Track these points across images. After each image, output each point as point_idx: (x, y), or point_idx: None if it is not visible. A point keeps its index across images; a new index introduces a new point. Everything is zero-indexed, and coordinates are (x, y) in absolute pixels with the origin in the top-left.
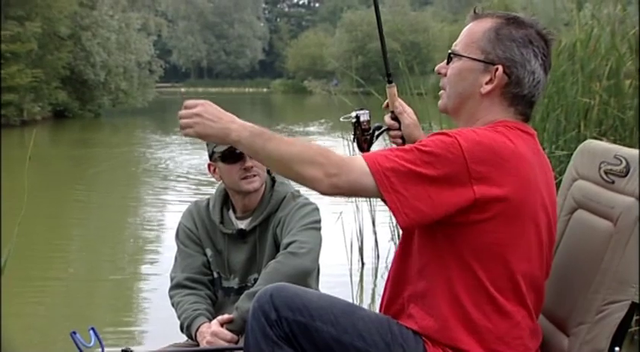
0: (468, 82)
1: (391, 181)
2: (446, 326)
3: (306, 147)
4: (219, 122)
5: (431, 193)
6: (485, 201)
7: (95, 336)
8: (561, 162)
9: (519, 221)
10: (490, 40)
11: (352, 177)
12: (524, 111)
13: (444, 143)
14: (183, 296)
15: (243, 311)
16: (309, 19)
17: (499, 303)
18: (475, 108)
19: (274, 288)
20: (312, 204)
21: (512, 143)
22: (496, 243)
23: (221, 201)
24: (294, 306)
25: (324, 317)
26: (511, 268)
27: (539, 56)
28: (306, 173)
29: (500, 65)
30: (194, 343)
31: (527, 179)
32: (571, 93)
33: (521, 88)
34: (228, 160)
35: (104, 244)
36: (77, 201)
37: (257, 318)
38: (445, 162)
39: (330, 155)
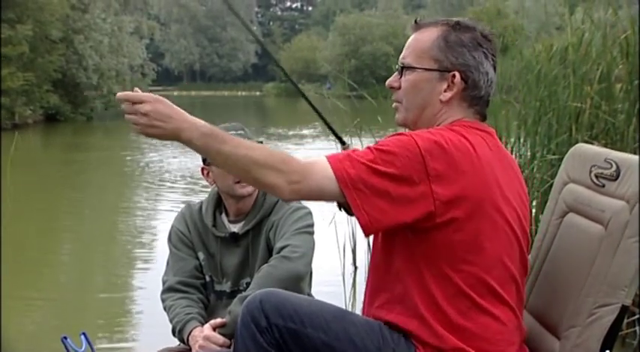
0: (425, 92)
1: (353, 180)
2: (429, 329)
3: (265, 153)
4: (169, 122)
5: (391, 190)
6: (445, 199)
7: (86, 341)
8: (553, 165)
9: (483, 218)
10: (441, 49)
11: (314, 181)
12: (481, 111)
13: (402, 142)
14: (176, 300)
15: (235, 315)
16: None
17: (476, 302)
18: (434, 114)
19: (264, 294)
20: (305, 207)
21: (467, 141)
22: (464, 242)
23: (214, 204)
24: (285, 312)
25: (315, 323)
26: (483, 266)
27: (489, 57)
28: (267, 179)
29: (456, 71)
30: (186, 347)
31: (485, 176)
32: (562, 97)
33: (478, 90)
34: None
35: (96, 248)
36: (69, 204)
37: (246, 325)
38: (404, 161)
39: (292, 161)
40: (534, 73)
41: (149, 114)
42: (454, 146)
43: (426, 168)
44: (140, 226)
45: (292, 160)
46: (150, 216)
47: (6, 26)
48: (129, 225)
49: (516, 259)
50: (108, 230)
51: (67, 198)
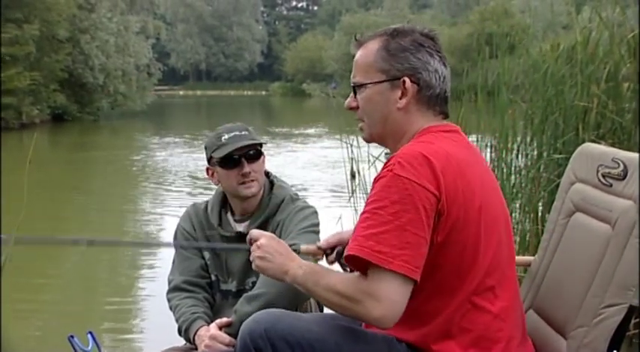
0: (381, 104)
1: (385, 253)
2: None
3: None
4: (277, 258)
5: (419, 233)
6: (447, 208)
7: (93, 340)
8: (559, 165)
9: (475, 222)
10: (384, 59)
11: (391, 290)
12: (442, 110)
13: (393, 187)
14: (181, 299)
15: (241, 314)
16: (307, 22)
17: (477, 304)
18: (397, 123)
19: (266, 320)
20: (311, 207)
21: (435, 145)
22: (462, 250)
23: (219, 203)
24: (293, 340)
25: (326, 347)
26: (480, 268)
27: (434, 54)
28: (370, 316)
29: (405, 77)
30: (192, 346)
31: (461, 173)
32: (569, 96)
33: (433, 89)
34: (226, 166)
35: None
36: (76, 204)
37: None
38: (409, 201)
39: (368, 289)
40: (541, 72)
41: (262, 247)
42: (431, 159)
43: (430, 193)
44: (145, 225)
45: (362, 284)
46: (155, 216)
47: (13, 26)
48: (134, 224)
49: (505, 253)
50: (113, 229)
51: (73, 196)
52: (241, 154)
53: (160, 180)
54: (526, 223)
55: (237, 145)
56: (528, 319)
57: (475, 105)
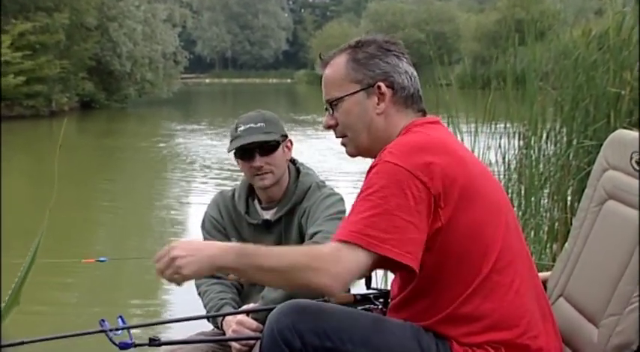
0: (361, 114)
1: (373, 236)
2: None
3: (294, 255)
4: (199, 253)
5: (408, 218)
6: (445, 198)
7: (123, 324)
8: (589, 153)
9: (479, 197)
10: (355, 69)
11: (351, 263)
12: (420, 107)
13: (382, 172)
14: (210, 285)
15: (268, 300)
16: (333, 10)
17: (491, 283)
18: (380, 129)
19: (293, 311)
20: (337, 194)
21: (429, 135)
22: (470, 229)
23: (246, 191)
24: (321, 331)
25: (355, 338)
26: (492, 246)
27: (401, 56)
28: (312, 281)
29: (378, 82)
30: (220, 332)
31: (456, 156)
32: (601, 83)
33: (407, 90)
34: (240, 158)
35: (130, 234)
36: (103, 190)
37: (277, 346)
38: (397, 185)
39: (321, 253)
40: (572, 58)
41: (178, 256)
42: (424, 145)
43: (418, 179)
44: (172, 213)
45: (318, 251)
46: (182, 203)
47: (44, 14)
48: (161, 211)
49: (515, 235)
50: (140, 216)
51: (101, 183)
52: (254, 147)
53: (186, 168)
54: (555, 211)
55: (248, 140)
56: (558, 307)
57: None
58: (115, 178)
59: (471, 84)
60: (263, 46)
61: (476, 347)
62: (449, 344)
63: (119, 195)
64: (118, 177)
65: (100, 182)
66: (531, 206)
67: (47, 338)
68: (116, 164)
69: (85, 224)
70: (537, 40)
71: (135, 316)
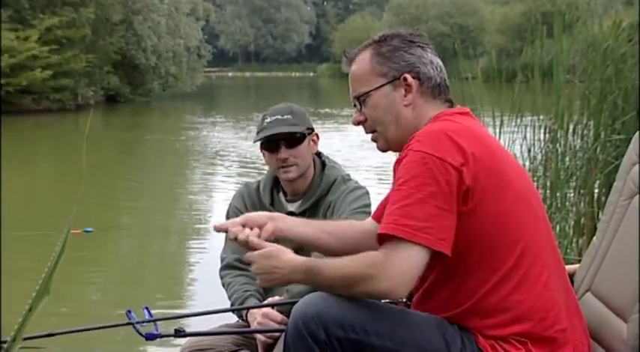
0: (389, 106)
1: (409, 225)
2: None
3: (352, 264)
4: (275, 273)
5: (441, 206)
6: (472, 180)
7: (149, 315)
8: (617, 146)
9: (509, 187)
10: (380, 63)
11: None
12: (447, 97)
13: (411, 162)
14: (234, 277)
15: (293, 293)
16: (356, 3)
17: (518, 274)
18: (408, 121)
19: (318, 303)
20: (363, 188)
21: (458, 123)
22: (497, 218)
23: (271, 183)
24: (345, 323)
25: (380, 330)
26: (518, 238)
27: (425, 47)
28: (374, 289)
29: (404, 74)
30: (245, 324)
31: (487, 146)
32: (630, 75)
33: (433, 80)
34: (266, 149)
35: (155, 225)
36: (128, 182)
37: (302, 337)
38: (428, 173)
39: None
40: (600, 50)
41: (257, 271)
42: (453, 133)
43: (449, 165)
44: (195, 205)
45: (372, 257)
46: (205, 195)
47: (70, 9)
48: (185, 204)
49: (543, 228)
50: (166, 206)
51: (126, 175)
52: (280, 139)
53: (209, 160)
54: (581, 205)
55: (274, 131)
56: (586, 302)
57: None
58: (139, 170)
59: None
60: (286, 40)
61: (501, 340)
62: (474, 337)
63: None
64: (141, 169)
65: (124, 173)
66: (557, 200)
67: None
68: (140, 157)
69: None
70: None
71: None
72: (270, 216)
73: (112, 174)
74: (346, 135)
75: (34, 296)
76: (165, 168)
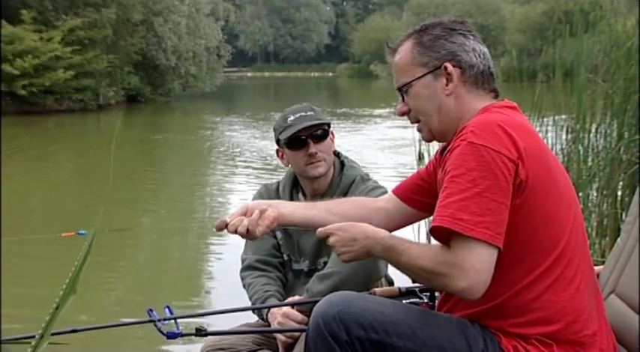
0: (431, 96)
1: (466, 220)
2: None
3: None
4: (355, 245)
5: (498, 200)
6: (525, 174)
7: (170, 314)
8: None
9: (554, 187)
10: (420, 53)
11: (477, 259)
12: (492, 87)
13: (467, 154)
14: (255, 277)
15: (313, 293)
16: (375, 3)
17: (553, 274)
18: (451, 111)
19: (339, 302)
20: (382, 187)
21: (507, 115)
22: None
23: (291, 184)
24: (366, 323)
25: (400, 331)
26: (553, 239)
27: (468, 35)
28: (453, 286)
29: (445, 63)
30: (265, 323)
31: (538, 142)
32: None
33: (476, 68)
34: (292, 147)
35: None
36: (148, 182)
37: (322, 337)
38: (486, 167)
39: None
40: (624, 49)
41: (336, 244)
42: (505, 125)
43: (505, 158)
44: (215, 205)
45: (447, 258)
46: (224, 195)
47: (92, 10)
48: (203, 204)
49: (580, 229)
50: (185, 206)
51: (146, 175)
52: (307, 135)
53: (228, 160)
54: (604, 206)
55: (302, 125)
56: (610, 304)
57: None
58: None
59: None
60: (305, 40)
61: (525, 341)
62: (496, 338)
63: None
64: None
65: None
66: (579, 201)
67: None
68: (160, 157)
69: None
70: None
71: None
72: (270, 203)
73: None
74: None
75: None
76: (185, 167)
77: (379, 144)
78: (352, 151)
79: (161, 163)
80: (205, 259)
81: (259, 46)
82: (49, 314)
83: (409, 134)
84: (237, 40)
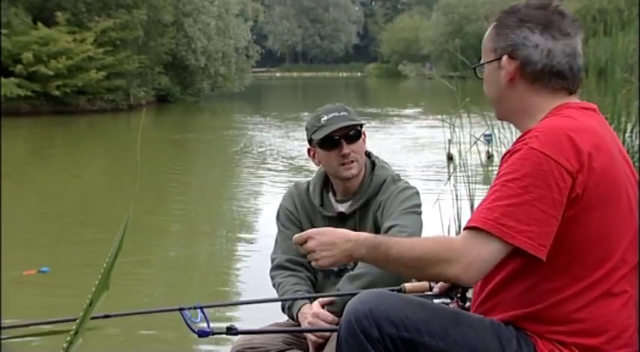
0: (493, 84)
1: (509, 227)
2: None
3: (426, 246)
4: (334, 249)
5: (548, 211)
6: (583, 188)
7: (202, 313)
8: None
9: (614, 202)
10: (492, 39)
11: (484, 252)
12: (563, 85)
13: (526, 160)
14: (285, 277)
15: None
16: (404, 2)
17: (592, 287)
18: (511, 102)
19: (372, 300)
20: (413, 188)
21: (580, 122)
22: (596, 230)
23: (321, 183)
24: (398, 321)
25: (432, 330)
26: (605, 251)
27: (535, 29)
28: (445, 274)
29: (504, 54)
30: (295, 323)
31: (608, 152)
32: None
33: (534, 65)
34: (325, 147)
35: (204, 225)
36: (177, 181)
37: (354, 335)
38: (541, 175)
39: (453, 244)
40: None
41: (315, 249)
42: (569, 132)
43: (560, 166)
44: (244, 204)
45: (450, 242)
46: (253, 194)
47: (123, 11)
48: (233, 203)
49: (634, 235)
50: (214, 206)
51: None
52: (340, 135)
53: (259, 159)
54: None
55: (336, 126)
56: None
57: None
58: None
59: None
60: (333, 40)
61: (562, 346)
62: (532, 340)
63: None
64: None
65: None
66: None
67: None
68: (190, 156)
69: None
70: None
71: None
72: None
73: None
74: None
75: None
76: (215, 167)
77: (408, 144)
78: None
79: (191, 162)
80: (235, 259)
81: (288, 46)
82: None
83: (439, 134)
84: (265, 40)
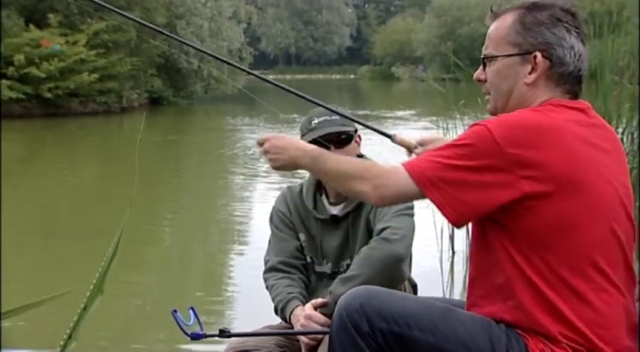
0: (510, 78)
1: (431, 180)
2: (535, 319)
3: (354, 164)
4: (285, 153)
5: (472, 184)
6: (533, 183)
7: (194, 316)
8: None
9: (576, 196)
10: (518, 32)
11: (396, 186)
12: (572, 89)
13: (476, 133)
14: (277, 279)
15: (336, 295)
16: (397, 5)
17: (579, 286)
18: (521, 98)
19: (363, 295)
20: None
21: (548, 117)
22: (559, 223)
23: (314, 186)
24: (388, 315)
25: (422, 324)
26: (582, 246)
27: (572, 30)
28: (356, 188)
29: (537, 51)
30: (288, 325)
31: (574, 150)
32: None
33: (565, 66)
34: None
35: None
36: (170, 184)
37: (345, 329)
38: (481, 152)
39: (375, 169)
40: None
41: (269, 151)
42: (532, 126)
43: (504, 155)
44: (237, 207)
45: (375, 167)
46: (246, 197)
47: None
48: (226, 206)
49: (621, 236)
50: (206, 211)
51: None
52: (330, 139)
53: (250, 162)
54: None
55: (324, 131)
56: None
57: None
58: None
59: None
60: (326, 42)
61: (552, 344)
62: (523, 340)
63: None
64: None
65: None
66: None
67: None
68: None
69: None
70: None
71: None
72: None
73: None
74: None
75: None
76: (207, 169)
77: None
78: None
79: (183, 165)
80: (227, 262)
81: (281, 48)
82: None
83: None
84: (259, 42)
